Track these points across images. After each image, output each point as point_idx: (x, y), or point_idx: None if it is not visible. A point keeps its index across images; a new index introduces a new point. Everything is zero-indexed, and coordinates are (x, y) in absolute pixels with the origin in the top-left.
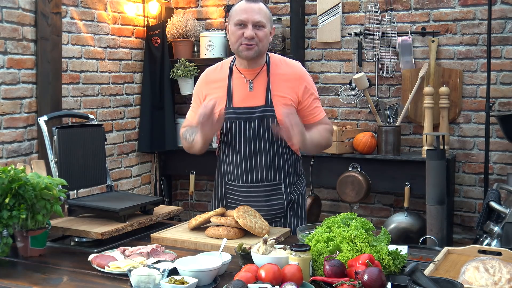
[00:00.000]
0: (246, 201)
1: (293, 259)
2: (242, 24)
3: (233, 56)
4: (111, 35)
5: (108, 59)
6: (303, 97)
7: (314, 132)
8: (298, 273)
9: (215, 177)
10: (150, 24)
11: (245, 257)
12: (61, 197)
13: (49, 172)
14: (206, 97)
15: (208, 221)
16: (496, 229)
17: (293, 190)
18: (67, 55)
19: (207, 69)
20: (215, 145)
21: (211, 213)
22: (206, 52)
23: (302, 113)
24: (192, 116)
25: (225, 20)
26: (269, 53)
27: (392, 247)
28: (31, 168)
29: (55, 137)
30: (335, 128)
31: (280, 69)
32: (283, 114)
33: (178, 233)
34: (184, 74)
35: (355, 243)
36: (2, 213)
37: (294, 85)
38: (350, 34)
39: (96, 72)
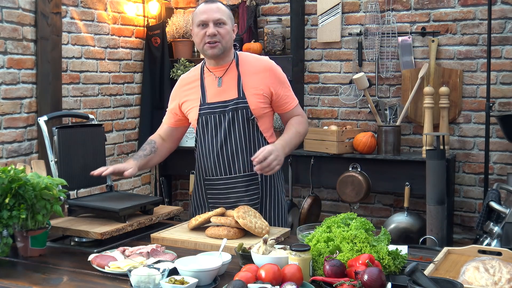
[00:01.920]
0: (227, 193)
1: (293, 259)
2: (204, 24)
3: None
4: (111, 35)
5: (108, 59)
6: (275, 88)
7: (292, 133)
8: (298, 273)
9: (194, 177)
10: (150, 24)
11: (245, 257)
12: (61, 197)
13: (49, 172)
14: (181, 98)
15: (208, 221)
16: (496, 229)
17: (269, 181)
18: (67, 55)
19: (182, 76)
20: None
21: (211, 213)
22: None
23: (276, 104)
24: (166, 118)
25: None
26: (237, 52)
27: (392, 247)
28: (31, 168)
29: (55, 137)
30: (334, 128)
31: (248, 63)
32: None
33: (178, 233)
34: None
35: (355, 243)
36: (2, 213)
37: (264, 77)
38: (350, 34)
39: (96, 72)
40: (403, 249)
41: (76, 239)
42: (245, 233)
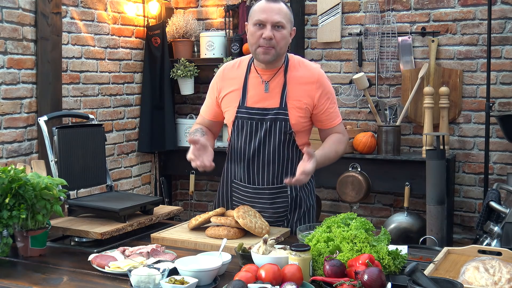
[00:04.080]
0: (252, 201)
1: (293, 259)
2: (261, 24)
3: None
4: (111, 35)
5: (108, 59)
6: (319, 102)
7: (330, 151)
8: (298, 273)
9: (222, 174)
10: (150, 24)
11: (245, 257)
12: (61, 197)
13: (49, 172)
14: (221, 91)
15: (208, 221)
16: (496, 229)
17: (300, 193)
18: (67, 55)
19: (226, 64)
20: (218, 143)
21: (211, 213)
22: (206, 52)
23: (317, 118)
24: (205, 110)
25: (225, 20)
26: (289, 54)
27: (392, 247)
28: (31, 168)
29: (55, 137)
30: None
31: (297, 72)
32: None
33: (178, 233)
34: (184, 74)
35: (355, 243)
36: (2, 213)
37: (310, 89)
38: (350, 34)
39: (96, 72)
40: (403, 249)
41: (76, 239)
42: (245, 233)
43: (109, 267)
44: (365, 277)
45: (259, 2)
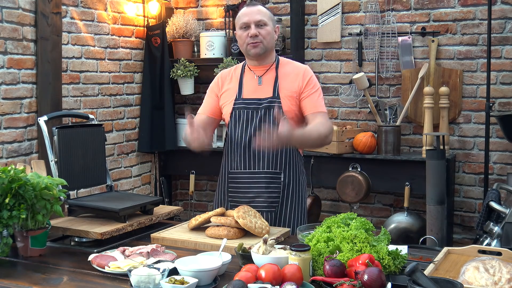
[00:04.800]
0: (247, 187)
1: (293, 259)
2: (246, 26)
3: (245, 60)
4: (111, 35)
5: (108, 59)
6: (304, 88)
7: (311, 129)
8: (298, 273)
9: (220, 171)
10: (150, 24)
11: (245, 257)
12: (61, 197)
13: (49, 172)
14: (221, 96)
15: (208, 221)
16: (496, 229)
17: (292, 183)
18: (67, 55)
19: (222, 71)
20: (215, 145)
21: (211, 213)
22: (206, 52)
23: (302, 104)
24: (204, 107)
25: (225, 20)
26: (279, 56)
27: (392, 247)
28: (31, 168)
29: (55, 137)
30: (335, 128)
31: (287, 68)
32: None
33: (178, 233)
34: (184, 74)
35: (355, 243)
36: (2, 213)
37: (297, 79)
38: (350, 34)
39: (96, 72)
40: (403, 249)
41: (76, 239)
42: (245, 233)
43: (109, 267)
44: (365, 277)
45: (241, 10)
